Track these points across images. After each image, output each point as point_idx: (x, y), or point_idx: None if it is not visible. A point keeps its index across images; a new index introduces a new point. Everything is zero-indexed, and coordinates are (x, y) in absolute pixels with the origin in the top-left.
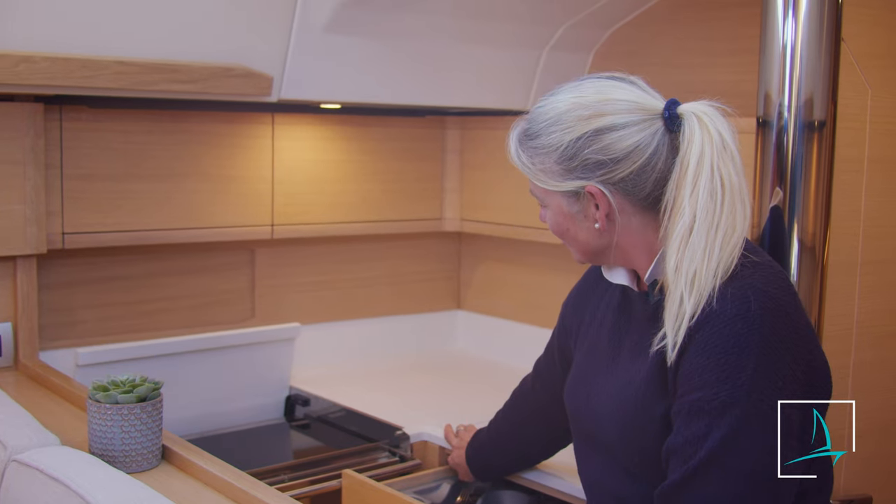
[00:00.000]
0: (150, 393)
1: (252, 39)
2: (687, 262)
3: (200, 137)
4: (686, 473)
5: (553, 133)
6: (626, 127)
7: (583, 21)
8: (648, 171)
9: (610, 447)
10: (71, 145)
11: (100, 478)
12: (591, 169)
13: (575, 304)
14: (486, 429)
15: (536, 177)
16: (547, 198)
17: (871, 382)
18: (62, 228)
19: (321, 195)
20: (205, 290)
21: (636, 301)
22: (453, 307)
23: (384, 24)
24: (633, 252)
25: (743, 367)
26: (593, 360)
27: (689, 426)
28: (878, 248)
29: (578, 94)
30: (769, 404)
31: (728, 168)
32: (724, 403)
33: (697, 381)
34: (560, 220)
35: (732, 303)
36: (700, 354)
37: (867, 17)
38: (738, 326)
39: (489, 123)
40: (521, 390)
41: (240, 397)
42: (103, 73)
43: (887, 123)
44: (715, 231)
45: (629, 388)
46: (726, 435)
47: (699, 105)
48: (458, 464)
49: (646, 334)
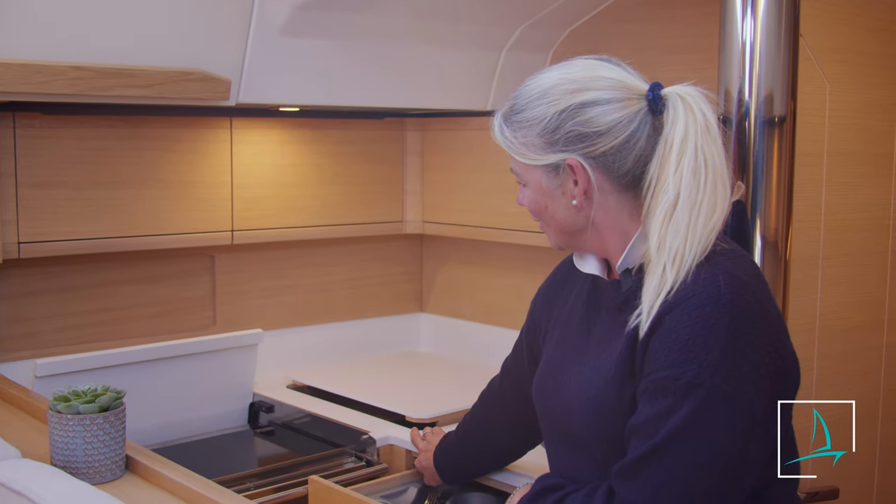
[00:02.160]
0: (112, 402)
1: (209, 43)
2: (671, 238)
3: (158, 143)
4: (646, 451)
5: (539, 106)
6: (610, 102)
7: (541, 21)
8: (629, 147)
9: (580, 439)
10: (25, 153)
11: (64, 490)
12: (572, 141)
13: (544, 299)
14: (454, 431)
15: (518, 151)
16: (526, 173)
17: (835, 376)
18: (18, 238)
19: (281, 199)
20: (165, 298)
21: (606, 290)
22: (416, 310)
23: (342, 26)
24: (608, 235)
25: (710, 348)
26: (562, 352)
27: (652, 404)
28: (839, 241)
29: (567, 70)
30: (734, 387)
31: (711, 149)
32: (688, 384)
33: (664, 359)
34: (538, 197)
35: (705, 286)
36: (669, 334)
37: (824, 13)
38: (708, 309)
39: (449, 125)
40: (490, 391)
41: (203, 405)
42: (59, 78)
43: (846, 117)
44: (698, 209)
45: (598, 375)
46: (688, 415)
47: (683, 87)
48: (424, 467)
49: (615, 322)
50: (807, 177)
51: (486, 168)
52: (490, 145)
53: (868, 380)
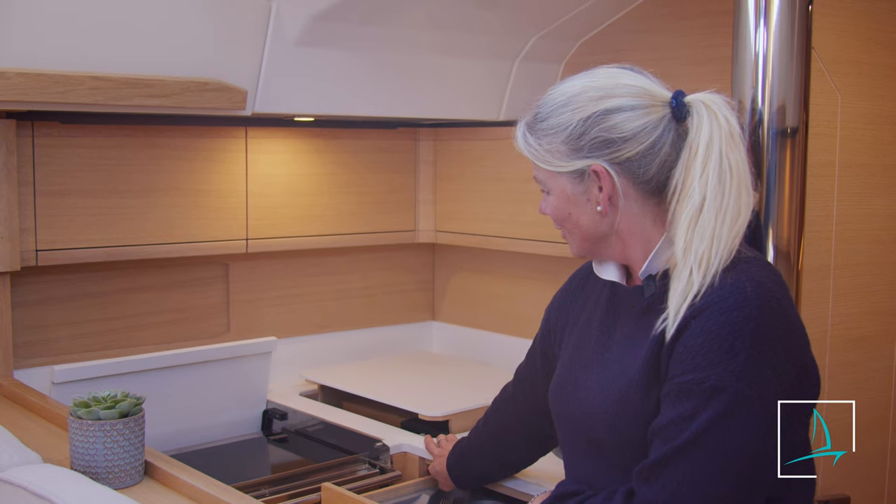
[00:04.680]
0: (132, 408)
1: (225, 53)
2: (697, 242)
3: (174, 152)
4: (668, 452)
5: (564, 113)
6: (635, 109)
7: (553, 32)
8: (654, 153)
9: (600, 443)
10: (43, 161)
11: (86, 494)
12: (598, 147)
13: (560, 306)
14: (466, 437)
15: (543, 158)
16: (551, 181)
17: (845, 385)
18: (35, 245)
19: (295, 208)
20: (179, 306)
21: (627, 296)
22: (428, 318)
23: (356, 36)
24: (632, 241)
25: (736, 352)
26: (580, 359)
27: (675, 407)
28: (850, 251)
29: (591, 78)
30: (758, 392)
31: (735, 155)
32: (713, 387)
33: (689, 363)
34: (563, 204)
35: (731, 291)
36: (695, 337)
37: (836, 26)
38: (734, 314)
39: (462, 134)
40: (503, 397)
41: (216, 412)
42: (78, 88)
43: (857, 129)
44: (723, 214)
45: (622, 379)
46: (712, 418)
47: (707, 94)
48: (438, 472)
49: (638, 327)
50: (819, 188)
51: (498, 178)
52: (503, 155)
53: (878, 389)
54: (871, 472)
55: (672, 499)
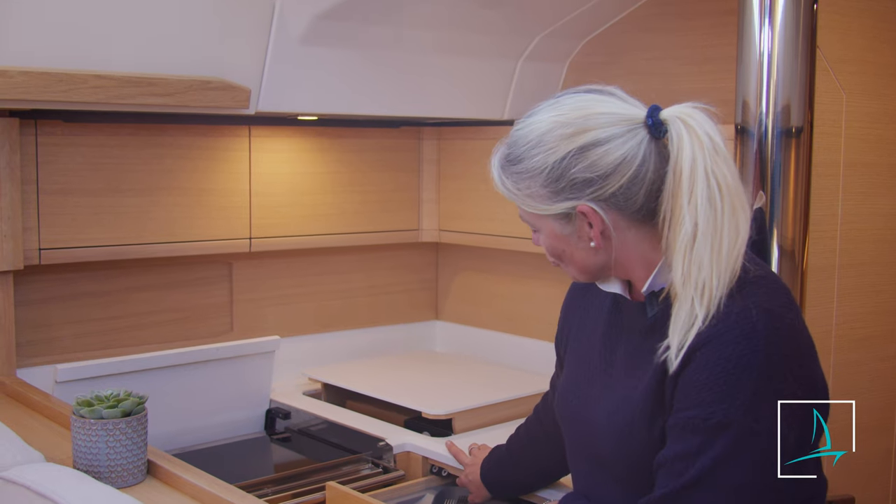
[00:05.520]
0: (134, 407)
1: (229, 52)
2: (695, 272)
3: (177, 151)
4: (675, 488)
5: (536, 156)
6: (611, 140)
7: (557, 31)
8: (638, 182)
9: (603, 460)
10: (47, 160)
11: (89, 493)
12: (579, 188)
13: (567, 307)
14: (504, 444)
15: (524, 202)
16: (538, 222)
17: (849, 385)
18: (39, 244)
19: (298, 207)
20: (183, 305)
21: (629, 311)
22: (431, 318)
23: (360, 35)
24: (632, 266)
25: (743, 387)
26: (585, 369)
27: (682, 441)
28: (855, 251)
29: (558, 112)
30: (765, 426)
31: (723, 171)
32: (720, 423)
33: (695, 397)
34: (555, 243)
35: (737, 321)
36: (701, 371)
37: (840, 24)
38: (741, 346)
39: (465, 133)
40: (543, 404)
41: (220, 412)
42: (81, 87)
43: (862, 128)
44: (720, 238)
45: (627, 404)
46: (719, 455)
47: (682, 108)
48: (471, 481)
49: (641, 348)
50: (823, 187)
51: None
52: None
53: (883, 389)
54: (875, 473)
55: None
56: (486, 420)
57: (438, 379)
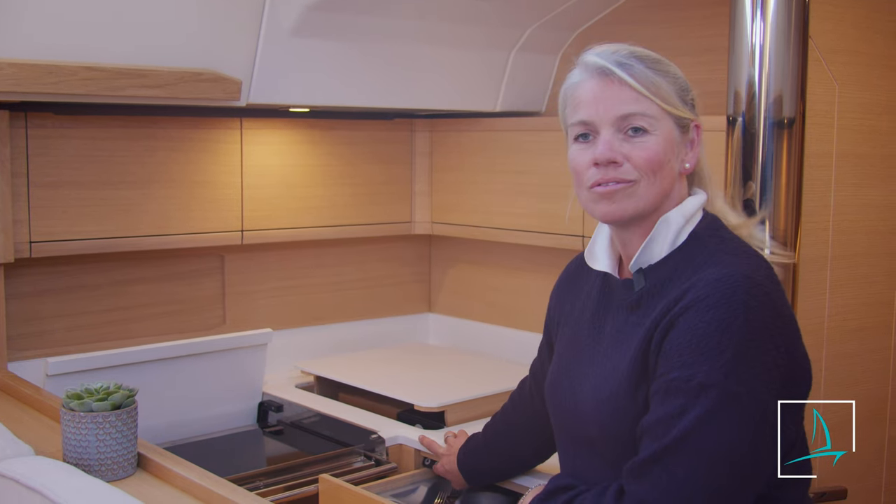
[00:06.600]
0: (124, 400)
1: (220, 44)
2: None
3: (168, 143)
4: (657, 450)
5: (670, 66)
6: None
7: (550, 22)
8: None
9: (592, 440)
10: (37, 152)
11: (78, 487)
12: (693, 109)
13: (557, 295)
14: (480, 433)
15: (663, 95)
16: (658, 122)
17: (842, 377)
18: (29, 237)
19: (291, 200)
20: (175, 298)
21: (617, 289)
22: (424, 310)
23: (352, 26)
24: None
25: (723, 349)
26: (574, 351)
27: (664, 405)
28: (847, 242)
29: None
30: (746, 388)
31: None
32: (700, 384)
33: (677, 360)
34: (666, 148)
35: (718, 287)
36: (682, 335)
37: (832, 14)
38: (722, 311)
39: (458, 125)
40: (519, 392)
41: (212, 405)
42: (71, 79)
43: (854, 119)
44: None
45: (612, 377)
46: (700, 415)
47: None
48: (448, 471)
49: (628, 322)
50: (816, 178)
51: (494, 169)
52: (499, 146)
53: (876, 381)
54: (868, 465)
55: (662, 496)
56: (478, 412)
57: (431, 371)
